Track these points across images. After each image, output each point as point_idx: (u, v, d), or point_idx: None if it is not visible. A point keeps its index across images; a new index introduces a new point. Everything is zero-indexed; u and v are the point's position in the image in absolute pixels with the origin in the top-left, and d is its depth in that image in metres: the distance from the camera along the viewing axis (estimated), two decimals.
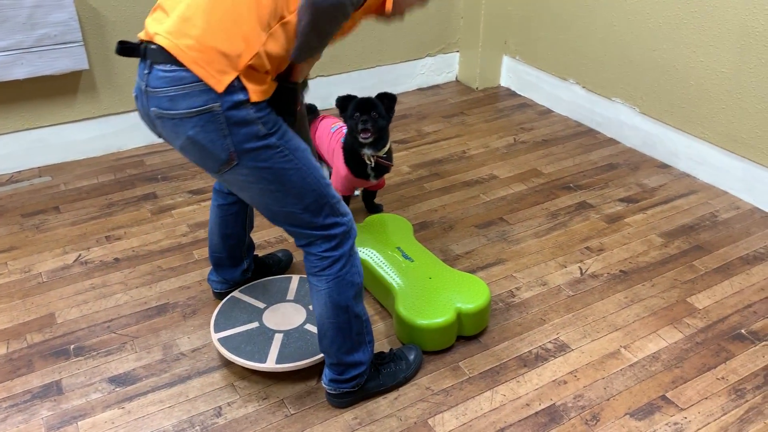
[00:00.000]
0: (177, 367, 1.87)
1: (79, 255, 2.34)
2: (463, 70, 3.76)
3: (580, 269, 2.26)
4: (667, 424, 1.69)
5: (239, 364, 1.79)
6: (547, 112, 3.44)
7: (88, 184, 2.79)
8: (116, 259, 2.32)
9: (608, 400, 1.77)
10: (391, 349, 1.85)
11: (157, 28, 1.37)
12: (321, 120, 2.52)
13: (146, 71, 1.39)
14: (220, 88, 1.33)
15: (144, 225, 2.51)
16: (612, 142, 3.12)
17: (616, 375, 1.85)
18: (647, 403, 1.76)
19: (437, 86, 3.75)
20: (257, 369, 1.78)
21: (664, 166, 2.90)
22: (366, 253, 2.11)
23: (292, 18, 1.37)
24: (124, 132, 3.02)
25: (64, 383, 1.83)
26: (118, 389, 1.81)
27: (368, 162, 2.24)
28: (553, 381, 1.83)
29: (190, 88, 1.34)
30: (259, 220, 2.48)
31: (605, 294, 2.15)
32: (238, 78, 1.35)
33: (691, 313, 2.07)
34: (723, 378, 1.83)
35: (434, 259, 2.09)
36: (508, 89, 3.70)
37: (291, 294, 2.02)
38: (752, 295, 2.14)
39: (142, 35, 1.43)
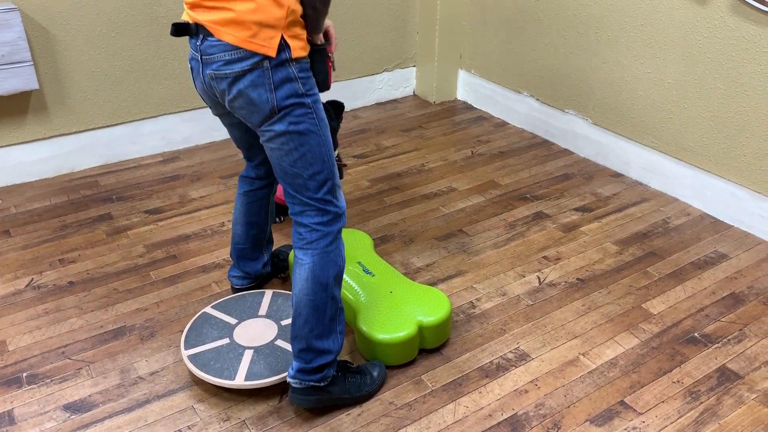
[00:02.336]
0: (135, 392, 1.84)
1: (32, 279, 2.28)
2: (420, 85, 3.80)
3: (539, 278, 2.29)
4: (626, 429, 1.73)
5: (208, 381, 1.76)
6: (503, 124, 3.49)
7: (40, 206, 2.72)
8: (70, 283, 2.27)
9: (569, 407, 1.79)
10: (357, 365, 1.85)
11: (204, 17, 1.56)
12: None
13: (199, 43, 1.58)
14: (272, 53, 1.51)
15: (99, 247, 2.46)
16: (566, 152, 3.19)
17: (576, 382, 1.87)
18: (606, 409, 1.79)
19: (395, 100, 3.78)
20: (226, 386, 1.76)
21: (616, 175, 2.97)
22: None
23: None
24: (77, 152, 2.97)
25: (17, 413, 1.77)
26: (73, 417, 1.76)
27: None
28: (515, 390, 1.84)
29: (242, 52, 1.52)
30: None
31: (563, 302, 2.18)
32: (282, 37, 1.53)
33: (646, 318, 2.11)
34: (678, 381, 1.88)
35: (395, 273, 2.09)
36: (464, 102, 3.75)
37: (263, 309, 2.01)
38: (704, 299, 2.20)
39: (185, 16, 1.62)
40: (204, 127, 3.23)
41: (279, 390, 1.84)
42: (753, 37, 2.36)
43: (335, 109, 2.31)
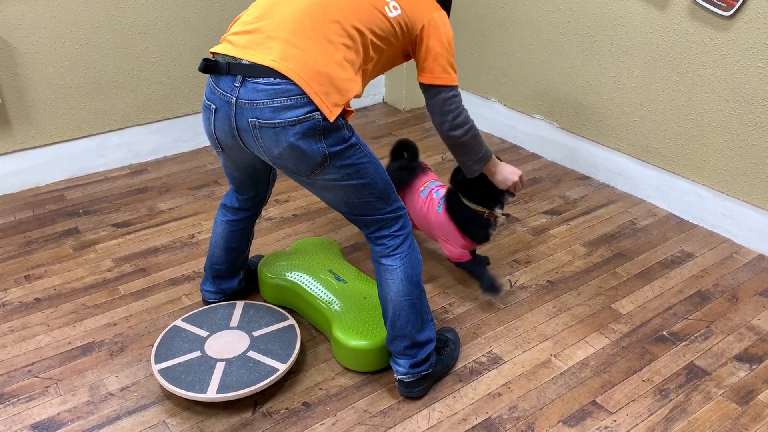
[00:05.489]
0: (105, 408, 1.80)
1: None
2: (390, 92, 3.81)
3: (510, 282, 2.31)
4: (598, 429, 1.74)
5: (179, 395, 1.74)
6: None
7: (4, 222, 2.67)
8: (37, 299, 2.22)
9: (541, 409, 1.81)
10: (438, 336, 1.94)
11: (266, 53, 1.51)
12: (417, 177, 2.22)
13: (236, 84, 1.52)
14: (331, 118, 1.51)
15: (66, 262, 2.42)
16: (534, 157, 3.23)
17: (548, 384, 1.89)
18: (579, 410, 1.80)
19: (365, 108, 3.79)
20: (198, 400, 1.74)
21: (584, 178, 3.02)
22: (298, 278, 2.10)
23: (367, 68, 1.66)
24: (42, 166, 2.92)
25: None
26: None
27: (498, 219, 2.06)
28: (488, 394, 1.85)
29: (294, 99, 1.49)
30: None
31: (534, 305, 2.20)
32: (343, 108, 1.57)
33: (616, 318, 2.14)
34: (648, 380, 1.91)
35: (367, 279, 2.09)
36: None
37: (235, 321, 1.99)
38: (671, 297, 2.24)
39: (226, 50, 1.56)
40: (171, 139, 3.20)
41: (252, 402, 1.82)
42: (711, 41, 2.42)
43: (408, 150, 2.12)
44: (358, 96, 1.60)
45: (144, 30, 2.95)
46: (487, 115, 3.46)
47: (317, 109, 1.50)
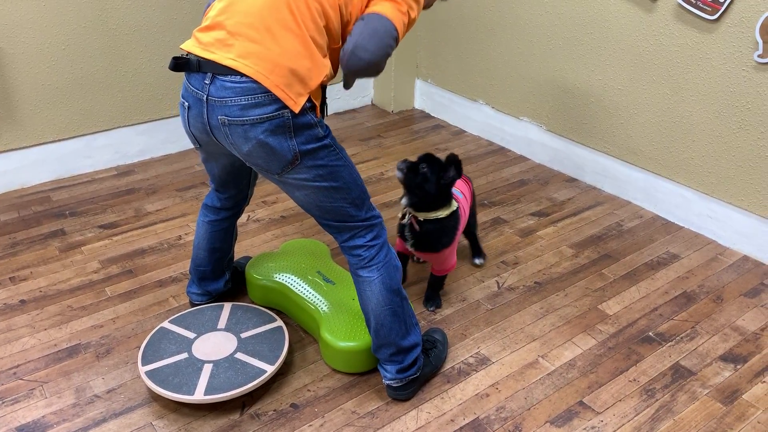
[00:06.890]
0: (91, 411, 1.79)
1: None
2: (378, 94, 3.82)
3: (497, 283, 2.32)
4: (585, 429, 1.75)
5: (166, 397, 1.73)
6: (460, 132, 3.53)
7: None
8: (22, 301, 2.21)
9: (529, 409, 1.82)
10: (426, 338, 1.94)
11: (226, 52, 1.49)
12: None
13: (207, 81, 1.51)
14: (297, 108, 1.49)
15: (52, 263, 2.40)
16: (522, 159, 3.24)
17: (536, 384, 1.90)
18: (566, 410, 1.81)
19: (353, 110, 3.79)
20: (185, 401, 1.73)
21: (571, 180, 3.03)
22: (286, 279, 2.09)
23: (337, 47, 1.62)
24: (28, 167, 2.89)
25: None
26: None
27: (403, 218, 2.00)
28: (476, 395, 1.86)
29: (262, 97, 1.48)
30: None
31: (522, 306, 2.21)
32: (309, 98, 1.54)
33: (602, 319, 2.16)
34: (634, 380, 1.92)
35: None
36: (422, 111, 3.78)
37: (222, 322, 1.98)
38: (657, 298, 2.26)
39: (192, 48, 1.54)
40: (159, 140, 3.19)
41: (240, 404, 1.81)
42: (696, 44, 2.44)
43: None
44: (329, 77, 1.57)
45: (131, 30, 2.94)
46: (475, 118, 3.47)
47: (286, 106, 1.49)
